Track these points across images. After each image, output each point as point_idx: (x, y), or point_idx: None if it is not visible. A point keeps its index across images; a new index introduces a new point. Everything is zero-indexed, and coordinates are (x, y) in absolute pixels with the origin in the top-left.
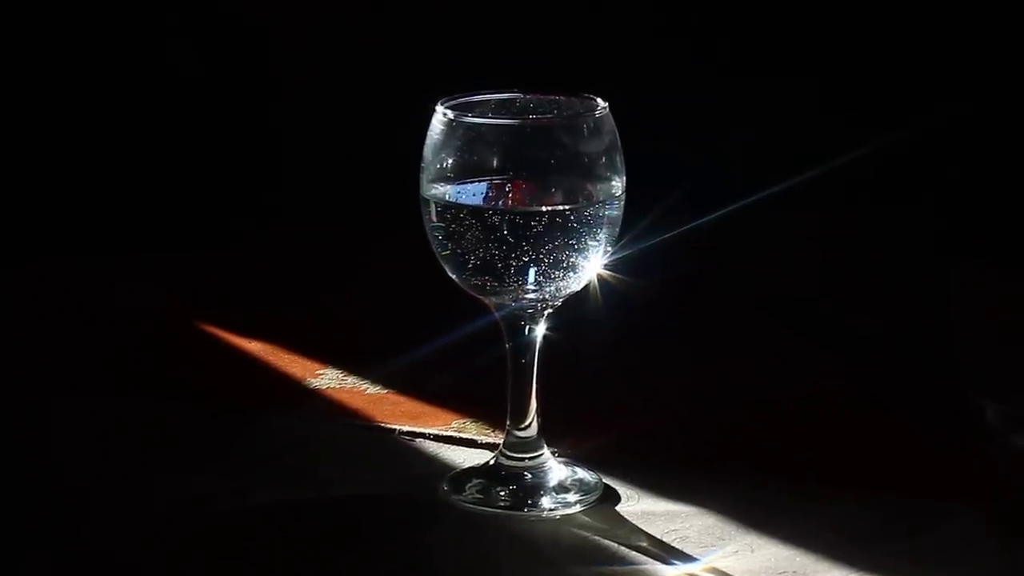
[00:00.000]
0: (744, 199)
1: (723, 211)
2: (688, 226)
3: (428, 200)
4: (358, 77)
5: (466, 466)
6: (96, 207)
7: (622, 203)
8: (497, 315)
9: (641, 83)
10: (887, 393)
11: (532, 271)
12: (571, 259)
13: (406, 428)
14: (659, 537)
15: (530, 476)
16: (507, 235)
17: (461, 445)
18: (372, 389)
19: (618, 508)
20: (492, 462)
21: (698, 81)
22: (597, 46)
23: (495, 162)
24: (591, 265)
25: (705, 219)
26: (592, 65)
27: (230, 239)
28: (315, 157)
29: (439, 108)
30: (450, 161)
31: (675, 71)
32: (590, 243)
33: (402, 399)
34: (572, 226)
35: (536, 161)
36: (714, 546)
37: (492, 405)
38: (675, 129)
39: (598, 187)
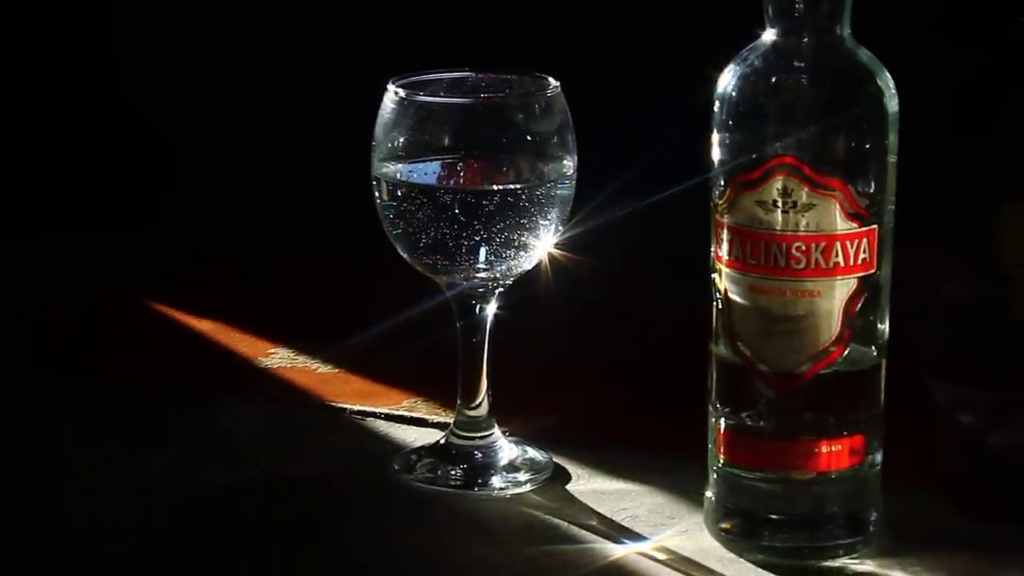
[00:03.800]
0: (695, 177)
1: (674, 190)
2: (639, 205)
3: (379, 179)
4: (309, 56)
5: (416, 445)
6: (41, 189)
7: (573, 182)
8: (448, 294)
9: (593, 62)
10: None
11: (483, 250)
12: (522, 238)
13: (357, 407)
14: (609, 516)
15: (480, 455)
16: (459, 214)
17: (412, 424)
18: (323, 368)
19: (568, 487)
20: (443, 441)
21: (650, 60)
22: (549, 25)
23: (447, 141)
24: (542, 244)
25: (656, 198)
26: (544, 44)
27: (180, 219)
28: (264, 135)
29: (391, 87)
30: (401, 140)
31: (627, 50)
32: (541, 222)
33: (353, 378)
34: (524, 205)
35: (488, 140)
36: (664, 525)
37: (443, 384)
38: (627, 108)
39: (550, 166)
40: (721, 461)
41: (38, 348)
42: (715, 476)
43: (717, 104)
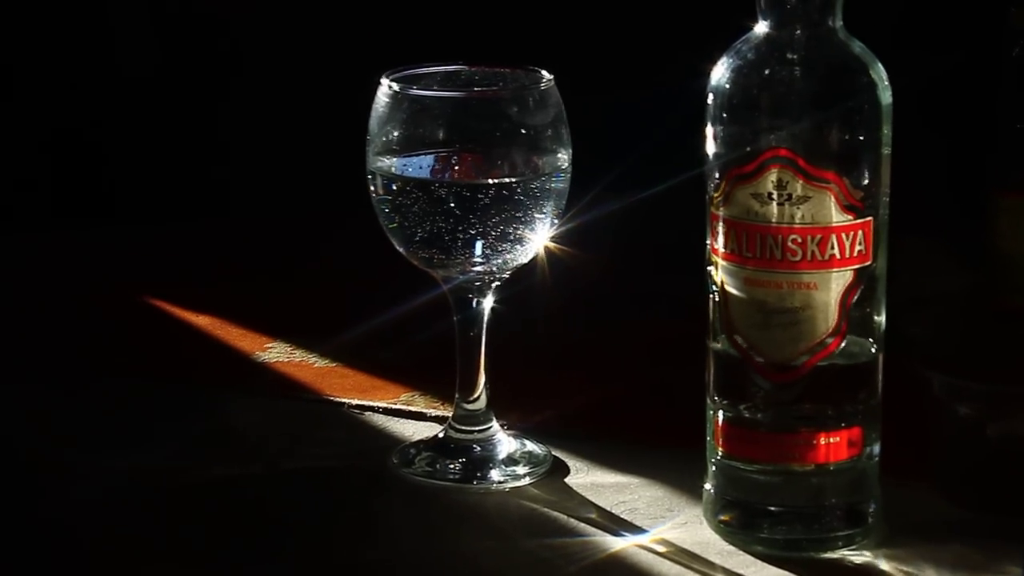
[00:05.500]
0: (691, 170)
1: (669, 183)
2: (635, 198)
3: (374, 173)
4: (304, 53)
5: (415, 439)
6: (39, 183)
7: (568, 175)
8: (445, 288)
9: (587, 55)
10: None
11: (479, 244)
12: (518, 232)
13: (355, 401)
14: (608, 509)
15: (479, 449)
16: (454, 208)
17: (410, 418)
18: (320, 362)
19: (567, 480)
20: (441, 435)
21: (643, 52)
22: (542, 18)
23: (441, 135)
24: (538, 237)
25: (651, 191)
26: (538, 37)
27: (179, 215)
28: (264, 134)
29: (384, 81)
30: (396, 134)
31: (621, 42)
32: (537, 215)
33: (350, 372)
34: (519, 199)
35: (482, 134)
36: (663, 517)
37: (441, 378)
38: (622, 101)
39: (544, 159)
40: (720, 453)
41: (35, 344)
42: (714, 468)
43: (711, 97)
